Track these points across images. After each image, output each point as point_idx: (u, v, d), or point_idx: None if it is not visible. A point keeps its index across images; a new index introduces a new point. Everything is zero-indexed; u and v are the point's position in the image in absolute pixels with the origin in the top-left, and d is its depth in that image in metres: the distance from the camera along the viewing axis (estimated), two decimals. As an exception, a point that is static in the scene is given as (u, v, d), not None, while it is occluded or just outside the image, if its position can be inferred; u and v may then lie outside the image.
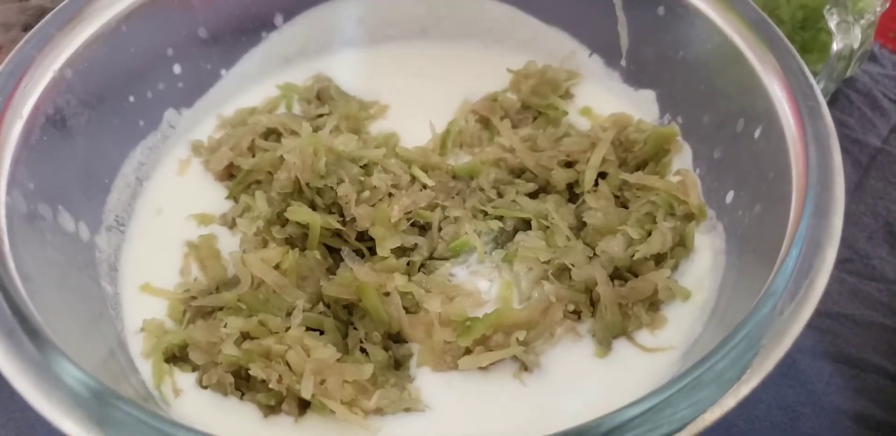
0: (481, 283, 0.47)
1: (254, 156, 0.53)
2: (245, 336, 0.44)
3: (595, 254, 0.47)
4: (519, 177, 0.52)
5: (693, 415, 0.32)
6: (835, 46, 0.58)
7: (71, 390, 0.33)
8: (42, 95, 0.44)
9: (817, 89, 0.42)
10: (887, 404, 0.56)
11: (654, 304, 0.46)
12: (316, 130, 0.53)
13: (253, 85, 0.59)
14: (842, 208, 0.38)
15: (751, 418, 0.55)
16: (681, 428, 0.32)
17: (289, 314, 0.45)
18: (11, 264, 0.38)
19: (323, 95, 0.58)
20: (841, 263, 0.64)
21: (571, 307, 0.46)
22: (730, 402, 0.32)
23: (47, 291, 0.40)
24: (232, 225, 0.51)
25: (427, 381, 0.44)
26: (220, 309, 0.46)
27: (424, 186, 0.50)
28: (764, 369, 0.33)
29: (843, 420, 0.56)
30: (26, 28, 0.68)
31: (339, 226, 0.47)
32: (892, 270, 0.64)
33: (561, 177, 0.51)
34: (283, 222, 0.48)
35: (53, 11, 0.47)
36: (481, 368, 0.43)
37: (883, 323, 0.61)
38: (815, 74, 0.45)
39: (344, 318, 0.46)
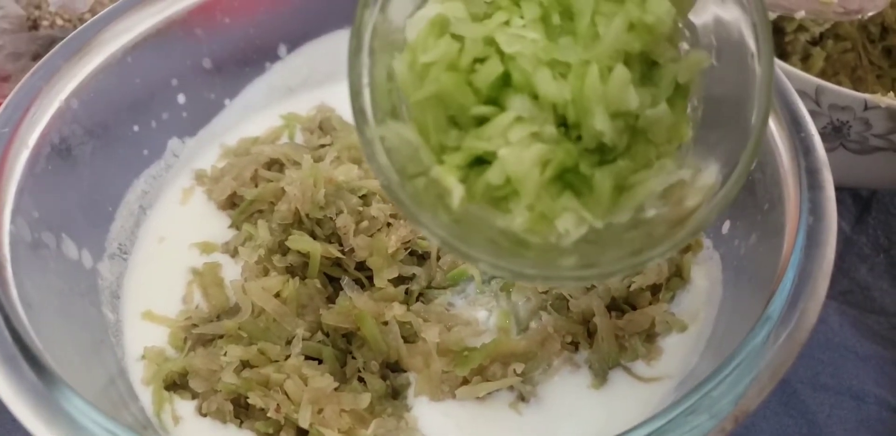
0: (479, 312, 0.48)
1: (256, 186, 0.53)
2: (245, 364, 0.44)
3: (593, 285, 0.47)
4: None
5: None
6: None
7: (70, 418, 0.33)
8: (48, 125, 0.45)
9: (810, 121, 0.43)
10: (889, 436, 0.56)
11: (650, 335, 0.46)
12: (318, 160, 0.54)
13: (256, 115, 0.60)
14: (834, 239, 0.38)
15: (751, 450, 0.55)
16: None
17: (288, 343, 0.45)
18: (14, 292, 0.38)
19: (325, 126, 0.59)
20: (842, 294, 0.65)
21: (569, 338, 0.46)
22: (726, 429, 0.33)
23: (49, 318, 0.41)
24: (234, 254, 0.51)
25: (424, 410, 0.44)
26: (221, 337, 0.46)
27: (423, 216, 0.50)
28: (758, 398, 0.33)
29: (844, 452, 0.55)
30: (36, 57, 0.70)
31: (339, 255, 0.48)
32: (892, 303, 0.64)
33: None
34: (285, 251, 0.49)
35: (61, 43, 0.48)
36: (478, 397, 0.44)
37: (884, 355, 0.61)
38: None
39: (343, 347, 0.46)
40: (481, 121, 0.32)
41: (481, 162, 0.33)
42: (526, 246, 0.34)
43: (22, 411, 0.33)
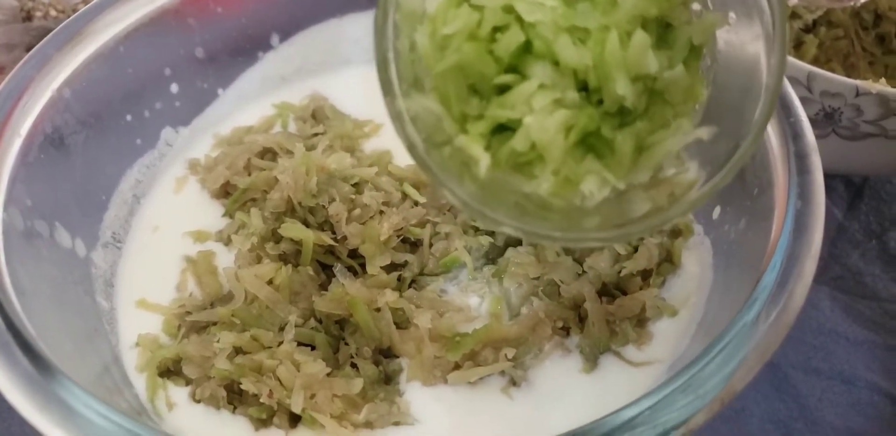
0: (471, 298, 0.48)
1: (250, 174, 0.54)
2: (238, 351, 0.44)
3: (584, 270, 0.48)
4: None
5: (677, 422, 0.33)
6: None
7: (65, 403, 0.34)
8: (41, 114, 0.45)
9: (799, 106, 0.43)
10: (880, 420, 0.57)
11: (641, 320, 0.47)
12: (310, 148, 0.54)
13: (249, 104, 0.60)
14: (822, 223, 0.39)
15: (743, 433, 0.56)
16: (668, 433, 0.32)
17: (281, 329, 0.45)
18: (7, 280, 0.38)
19: (318, 114, 0.59)
20: (833, 280, 0.65)
21: (560, 323, 0.46)
22: (714, 409, 0.33)
23: (43, 306, 0.41)
24: (227, 242, 0.52)
25: (416, 395, 0.44)
26: (214, 324, 0.47)
27: (416, 203, 0.51)
28: (745, 379, 0.34)
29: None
30: (29, 48, 0.69)
31: (331, 242, 0.48)
32: (884, 288, 0.65)
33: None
34: (277, 239, 0.49)
35: (53, 32, 0.48)
36: (470, 382, 0.44)
37: (874, 340, 0.61)
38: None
39: (335, 333, 0.46)
40: (503, 89, 0.33)
41: (504, 129, 0.33)
42: (550, 209, 0.35)
43: (16, 397, 0.33)
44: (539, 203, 0.35)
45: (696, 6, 0.34)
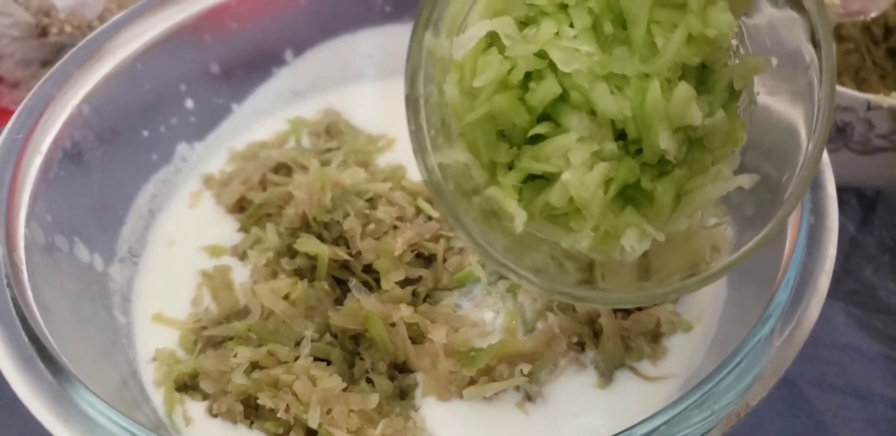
0: (486, 313, 0.48)
1: (265, 189, 0.54)
2: (254, 366, 0.45)
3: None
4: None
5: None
6: None
7: (86, 415, 0.34)
8: (60, 131, 0.46)
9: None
10: (895, 436, 0.56)
11: (655, 335, 0.47)
12: (325, 164, 0.54)
13: (264, 119, 0.60)
14: (835, 237, 0.39)
15: (757, 449, 0.55)
16: None
17: (297, 344, 0.46)
18: (30, 294, 0.39)
19: (332, 129, 0.59)
20: (847, 295, 0.65)
21: (575, 338, 0.46)
22: (729, 425, 0.33)
23: (63, 320, 0.41)
24: (243, 257, 0.52)
25: (432, 410, 0.44)
26: (231, 339, 0.47)
27: (430, 218, 0.51)
28: (760, 394, 0.34)
29: (850, 451, 0.56)
30: (45, 64, 0.71)
31: (346, 257, 0.48)
32: (898, 302, 0.64)
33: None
34: (293, 254, 0.49)
35: (73, 50, 0.49)
36: (485, 397, 0.44)
37: (890, 355, 0.61)
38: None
39: (351, 348, 0.46)
40: (536, 136, 0.31)
41: (535, 176, 0.32)
42: (585, 264, 0.34)
43: (38, 408, 0.34)
44: (573, 256, 0.34)
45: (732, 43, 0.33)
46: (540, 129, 0.31)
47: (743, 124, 0.33)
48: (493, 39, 0.32)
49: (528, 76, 0.31)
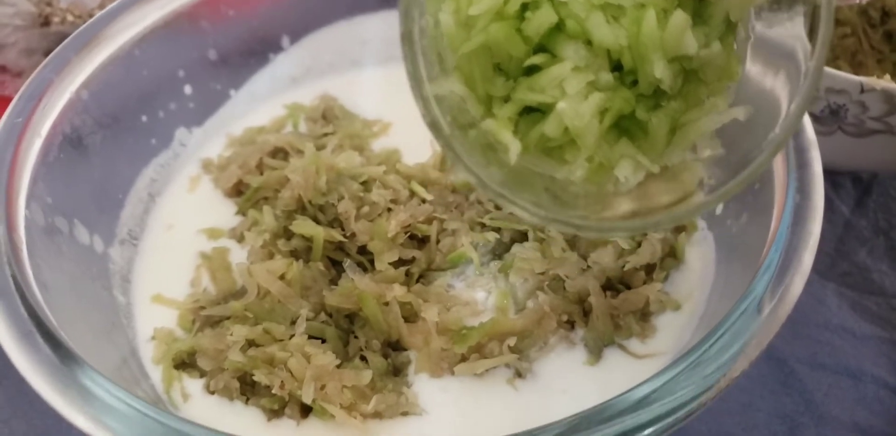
0: (478, 293, 0.49)
1: (262, 173, 0.55)
2: (250, 344, 0.46)
3: (589, 265, 0.48)
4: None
5: (676, 408, 0.34)
6: None
7: (85, 390, 0.35)
8: (60, 116, 0.47)
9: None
10: (886, 415, 0.57)
11: (644, 314, 0.47)
12: (321, 148, 0.55)
13: (261, 105, 0.61)
14: (820, 216, 0.39)
15: (749, 427, 0.56)
16: (669, 416, 0.33)
17: (293, 323, 0.46)
18: (29, 272, 0.40)
19: (328, 115, 0.60)
20: (840, 276, 0.65)
21: (565, 317, 0.47)
22: (711, 397, 0.34)
23: (64, 300, 0.42)
24: (240, 239, 0.53)
25: (424, 386, 0.45)
26: (228, 318, 0.48)
27: (423, 201, 0.52)
28: (742, 367, 0.35)
29: (841, 430, 0.56)
30: (47, 53, 0.71)
31: (341, 239, 0.49)
32: (891, 284, 0.65)
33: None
34: (289, 236, 0.50)
35: (71, 36, 0.50)
36: (476, 374, 0.45)
37: (881, 336, 0.62)
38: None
39: (345, 327, 0.47)
40: (531, 68, 0.31)
41: (532, 109, 0.32)
42: (578, 195, 0.34)
43: (39, 384, 0.35)
44: (567, 188, 0.34)
45: None
46: (536, 59, 0.31)
47: (739, 59, 0.33)
48: None
49: (525, 7, 0.31)
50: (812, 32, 0.30)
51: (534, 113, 0.32)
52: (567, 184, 0.34)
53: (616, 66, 0.31)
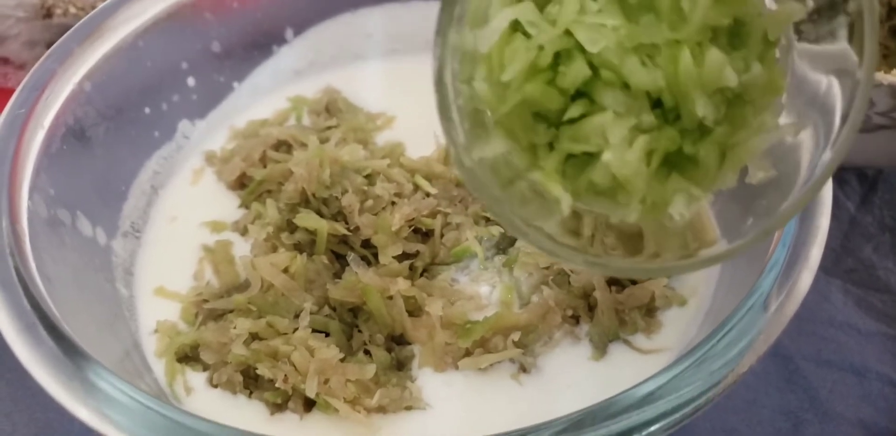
0: (482, 287, 0.49)
1: (265, 166, 0.55)
2: (254, 337, 0.45)
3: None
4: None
5: (683, 404, 0.34)
6: None
7: (88, 382, 0.35)
8: (62, 107, 0.47)
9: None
10: (890, 412, 0.57)
11: (650, 309, 0.47)
12: (324, 141, 0.55)
13: (264, 97, 0.61)
14: (828, 210, 0.39)
15: (753, 424, 0.56)
16: (675, 412, 0.33)
17: (296, 316, 0.46)
18: (32, 264, 0.40)
19: (332, 108, 0.60)
20: (846, 273, 0.65)
21: (570, 312, 0.47)
22: (718, 393, 0.34)
23: (66, 292, 0.42)
24: (244, 232, 0.53)
25: (428, 380, 0.45)
26: (231, 311, 0.48)
27: (427, 194, 0.51)
28: (750, 363, 0.34)
29: (846, 427, 0.56)
30: (50, 45, 0.71)
31: (345, 232, 0.49)
32: (897, 281, 0.65)
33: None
34: (293, 229, 0.50)
35: (74, 27, 0.49)
36: (481, 368, 0.45)
37: (887, 333, 0.61)
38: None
39: (349, 320, 0.47)
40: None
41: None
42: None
43: (39, 373, 0.35)
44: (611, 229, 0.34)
45: None
46: (574, 111, 0.30)
47: (783, 72, 0.32)
48: (517, 26, 0.31)
49: (558, 55, 0.31)
50: (852, 38, 0.30)
51: (581, 156, 0.32)
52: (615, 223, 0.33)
53: (656, 103, 0.31)
